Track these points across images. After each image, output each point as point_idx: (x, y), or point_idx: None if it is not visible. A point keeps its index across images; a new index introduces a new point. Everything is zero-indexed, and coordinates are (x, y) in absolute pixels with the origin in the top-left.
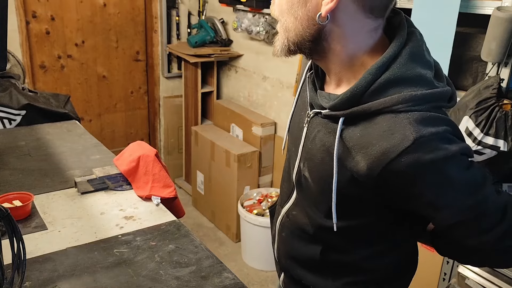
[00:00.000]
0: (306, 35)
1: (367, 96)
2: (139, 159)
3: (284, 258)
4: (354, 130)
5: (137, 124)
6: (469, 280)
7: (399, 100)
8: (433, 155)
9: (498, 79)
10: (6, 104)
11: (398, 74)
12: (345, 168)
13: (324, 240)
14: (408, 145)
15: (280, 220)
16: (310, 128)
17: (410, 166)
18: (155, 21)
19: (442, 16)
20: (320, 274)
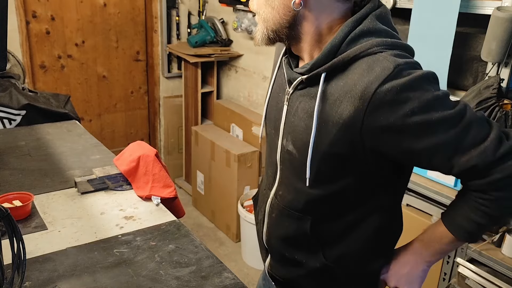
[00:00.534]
0: (283, 22)
1: (344, 46)
2: (139, 159)
3: (275, 239)
4: (336, 83)
5: (137, 124)
6: (469, 280)
7: (373, 44)
8: (412, 76)
9: (498, 79)
10: (6, 104)
11: (370, 26)
12: (330, 124)
13: (312, 211)
14: (389, 73)
15: (269, 202)
16: (291, 104)
17: (393, 91)
18: (155, 21)
19: (442, 16)
20: (311, 249)
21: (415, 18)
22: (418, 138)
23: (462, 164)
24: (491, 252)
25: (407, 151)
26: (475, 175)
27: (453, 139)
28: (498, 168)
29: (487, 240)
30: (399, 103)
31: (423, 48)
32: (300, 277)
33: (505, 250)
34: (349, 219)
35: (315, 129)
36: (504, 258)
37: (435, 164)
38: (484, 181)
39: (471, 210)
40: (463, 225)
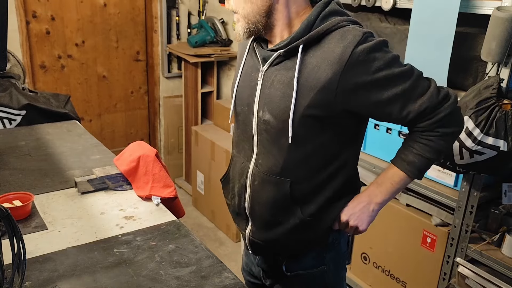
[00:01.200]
0: (261, 13)
1: (317, 23)
2: (139, 159)
3: (258, 205)
4: (313, 53)
5: (137, 124)
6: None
7: (342, 20)
8: (375, 41)
9: (498, 79)
10: (6, 104)
11: (335, 8)
12: (307, 89)
13: (290, 174)
14: (359, 38)
15: (250, 172)
16: (266, 79)
17: (364, 52)
18: (155, 21)
19: (442, 16)
20: (291, 209)
21: (415, 18)
22: (384, 90)
23: (417, 109)
24: (491, 252)
25: (374, 104)
26: (425, 117)
27: (409, 89)
28: (441, 108)
29: (487, 240)
30: (368, 61)
31: (423, 48)
32: (281, 236)
33: (505, 250)
34: (322, 176)
35: (295, 94)
36: (504, 258)
37: (394, 113)
38: (432, 120)
39: (421, 148)
40: (414, 162)
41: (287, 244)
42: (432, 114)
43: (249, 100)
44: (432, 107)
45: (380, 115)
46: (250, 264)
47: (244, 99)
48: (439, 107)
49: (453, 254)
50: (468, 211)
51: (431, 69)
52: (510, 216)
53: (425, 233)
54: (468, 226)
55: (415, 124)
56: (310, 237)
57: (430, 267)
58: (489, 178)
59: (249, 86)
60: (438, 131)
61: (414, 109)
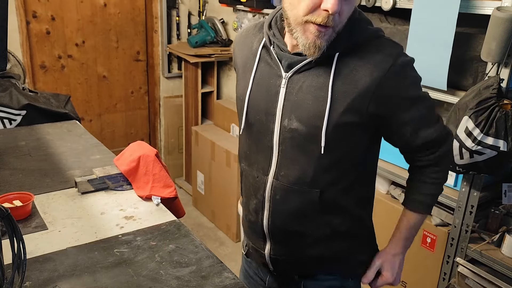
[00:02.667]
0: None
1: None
2: (139, 159)
3: (280, 219)
4: (349, 60)
5: (137, 124)
6: (469, 280)
7: (376, 30)
8: (409, 58)
9: (498, 79)
10: (6, 104)
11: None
12: (342, 95)
13: (320, 183)
14: (398, 51)
15: (269, 186)
16: (291, 85)
17: (403, 65)
18: (155, 21)
19: (442, 16)
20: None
21: (415, 18)
22: (407, 109)
23: (426, 136)
24: (491, 252)
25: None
26: (429, 149)
27: (425, 114)
28: (447, 142)
29: (487, 240)
30: (405, 76)
31: (423, 48)
32: (301, 247)
33: (505, 250)
34: (347, 184)
35: (330, 100)
36: (504, 258)
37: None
38: (437, 153)
39: (429, 187)
40: (426, 201)
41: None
42: (438, 146)
43: (268, 109)
44: (438, 139)
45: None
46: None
47: (261, 108)
48: (443, 142)
49: (453, 254)
50: (468, 211)
51: (431, 69)
52: (510, 216)
53: (425, 233)
54: (468, 226)
55: (418, 154)
56: (338, 250)
57: (430, 267)
58: (489, 178)
59: (267, 94)
60: (442, 165)
61: (425, 135)
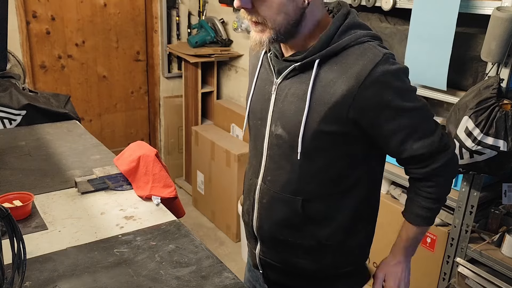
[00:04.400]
0: (292, 22)
1: (336, 37)
2: (139, 159)
3: (268, 224)
4: (329, 68)
5: (137, 124)
6: (469, 280)
7: (361, 35)
8: (395, 66)
9: (498, 79)
10: (6, 104)
11: (355, 21)
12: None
13: (303, 192)
14: (379, 59)
15: (258, 189)
16: (279, 92)
17: (383, 74)
18: (155, 21)
19: (442, 16)
20: (304, 229)
21: (415, 18)
22: (392, 119)
23: (412, 150)
24: (491, 252)
25: (377, 128)
26: (419, 162)
27: (414, 127)
28: (438, 157)
29: (487, 240)
30: (386, 85)
31: (423, 48)
32: (293, 257)
33: (505, 250)
34: (334, 194)
35: (308, 108)
36: (504, 258)
37: (392, 145)
38: (427, 169)
39: (423, 200)
40: (422, 214)
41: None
42: (428, 161)
43: (262, 114)
44: (429, 154)
45: (381, 141)
46: (255, 282)
47: (257, 113)
48: (436, 156)
49: (453, 254)
50: (468, 211)
51: (431, 69)
52: (510, 216)
53: None
54: (468, 226)
55: (408, 166)
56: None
57: (430, 267)
58: (489, 178)
59: (262, 100)
60: (434, 180)
61: (412, 149)
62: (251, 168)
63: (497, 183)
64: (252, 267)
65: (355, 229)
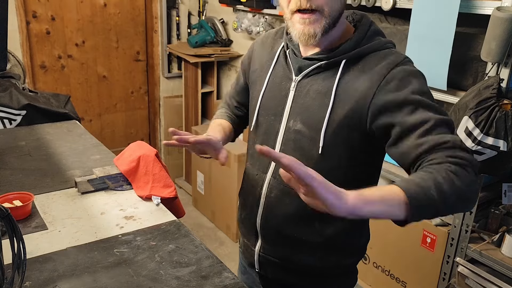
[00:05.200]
0: (339, 14)
1: (364, 41)
2: (139, 159)
3: (274, 218)
4: (353, 67)
5: (137, 124)
6: (469, 280)
7: (386, 41)
8: (416, 69)
9: (498, 79)
10: (6, 104)
11: (377, 28)
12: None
13: None
14: (401, 59)
15: (267, 183)
16: (299, 89)
17: (403, 71)
18: (155, 21)
19: (442, 16)
20: (312, 226)
21: (415, 18)
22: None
23: (435, 140)
24: (491, 252)
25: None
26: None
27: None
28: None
29: (487, 240)
30: (405, 82)
31: (423, 48)
32: (297, 253)
33: (505, 250)
34: None
35: (332, 104)
36: (504, 258)
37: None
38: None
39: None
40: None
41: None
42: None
43: (277, 109)
44: (452, 144)
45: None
46: (251, 283)
47: (271, 109)
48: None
49: (453, 254)
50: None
51: (431, 69)
52: (510, 216)
53: (425, 233)
54: (468, 226)
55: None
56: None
57: (430, 267)
58: (489, 178)
59: (278, 96)
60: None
61: (435, 139)
62: (258, 163)
63: (497, 183)
64: (247, 268)
65: (359, 228)
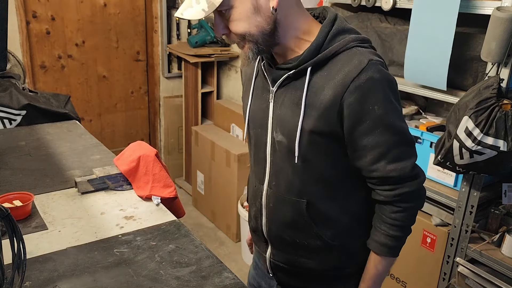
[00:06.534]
0: (268, 31)
1: (326, 43)
2: (139, 159)
3: (275, 226)
4: (320, 74)
5: (137, 124)
6: (469, 280)
7: (350, 40)
8: (380, 75)
9: (498, 79)
10: (7, 104)
11: (343, 26)
12: (314, 108)
13: (306, 194)
14: (364, 66)
15: (265, 194)
16: (276, 100)
17: (366, 81)
18: (155, 21)
19: (442, 16)
20: (310, 231)
21: (415, 18)
22: (369, 133)
23: (384, 171)
24: (491, 252)
25: (355, 138)
26: (388, 185)
27: (389, 146)
28: (406, 184)
29: (487, 240)
30: (368, 92)
31: (423, 48)
32: (301, 257)
33: (505, 250)
34: (337, 197)
35: (303, 113)
36: (504, 258)
37: (364, 161)
38: (394, 192)
39: (388, 228)
40: (387, 243)
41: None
42: (396, 185)
43: (262, 122)
44: (399, 178)
45: (354, 154)
46: (260, 280)
47: (258, 122)
48: (405, 182)
49: (453, 254)
50: (468, 211)
51: (431, 69)
52: (510, 216)
53: (425, 233)
54: (468, 226)
55: (376, 187)
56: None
57: (430, 267)
58: (489, 178)
59: (261, 108)
60: (401, 206)
61: (384, 170)
62: (255, 175)
63: (497, 183)
64: (260, 267)
65: (358, 230)
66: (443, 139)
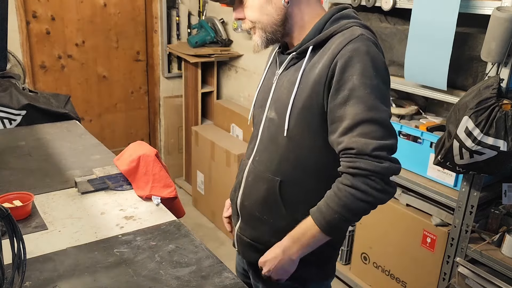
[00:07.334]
0: (277, 23)
1: (327, 25)
2: (139, 159)
3: (248, 200)
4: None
5: (137, 124)
6: (469, 280)
7: (349, 22)
8: (367, 48)
9: (498, 79)
10: (6, 104)
11: (347, 13)
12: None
13: (282, 172)
14: (355, 36)
15: (247, 169)
16: (279, 82)
17: (351, 50)
18: (155, 21)
19: (442, 16)
20: (278, 210)
21: (415, 18)
22: (342, 103)
23: (347, 142)
24: (491, 252)
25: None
26: (347, 156)
27: (359, 121)
28: (364, 160)
29: (487, 240)
30: (349, 63)
31: (423, 48)
32: (266, 235)
33: (505, 250)
34: (312, 182)
35: (296, 90)
36: (504, 258)
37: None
38: (348, 164)
39: (330, 195)
40: (323, 211)
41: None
42: (353, 158)
43: (263, 102)
44: (357, 152)
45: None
46: (242, 264)
47: (259, 102)
48: (362, 157)
49: (453, 254)
50: (468, 211)
51: (431, 69)
52: (510, 216)
53: (425, 233)
54: (468, 226)
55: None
56: None
57: (430, 267)
58: (489, 178)
59: (265, 90)
60: (348, 179)
61: (347, 142)
62: (247, 151)
63: (497, 183)
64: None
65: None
66: (443, 139)
